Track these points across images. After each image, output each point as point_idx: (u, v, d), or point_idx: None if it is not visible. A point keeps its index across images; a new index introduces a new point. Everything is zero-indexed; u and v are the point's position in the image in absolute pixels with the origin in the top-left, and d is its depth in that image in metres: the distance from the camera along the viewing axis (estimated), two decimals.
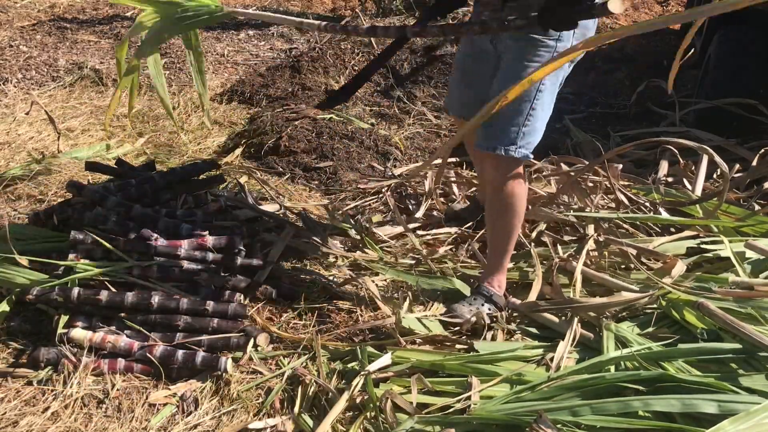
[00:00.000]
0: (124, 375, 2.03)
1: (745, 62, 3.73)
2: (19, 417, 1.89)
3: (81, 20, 5.80)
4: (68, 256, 2.30)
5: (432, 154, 3.67)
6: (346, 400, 1.90)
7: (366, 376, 1.95)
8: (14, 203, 2.98)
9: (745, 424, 1.62)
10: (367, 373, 1.95)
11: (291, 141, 3.58)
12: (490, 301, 2.30)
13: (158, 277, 2.25)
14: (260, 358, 2.12)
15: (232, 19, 5.63)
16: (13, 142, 3.56)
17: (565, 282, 2.43)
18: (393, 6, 6.08)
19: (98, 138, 3.74)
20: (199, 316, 2.14)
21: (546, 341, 2.18)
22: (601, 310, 2.21)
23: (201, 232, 2.44)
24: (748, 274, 2.33)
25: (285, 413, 1.93)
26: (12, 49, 4.88)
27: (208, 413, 1.93)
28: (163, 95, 2.46)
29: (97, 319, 2.14)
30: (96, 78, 4.48)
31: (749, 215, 2.71)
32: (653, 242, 2.59)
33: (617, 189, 2.93)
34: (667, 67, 5.22)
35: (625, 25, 6.38)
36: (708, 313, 2.03)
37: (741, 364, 1.90)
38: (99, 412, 1.92)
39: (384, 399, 1.89)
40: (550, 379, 1.92)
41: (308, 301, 2.39)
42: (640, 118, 4.30)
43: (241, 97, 4.41)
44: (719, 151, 3.36)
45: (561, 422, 1.74)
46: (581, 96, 4.74)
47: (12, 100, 4.12)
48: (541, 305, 2.28)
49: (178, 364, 2.02)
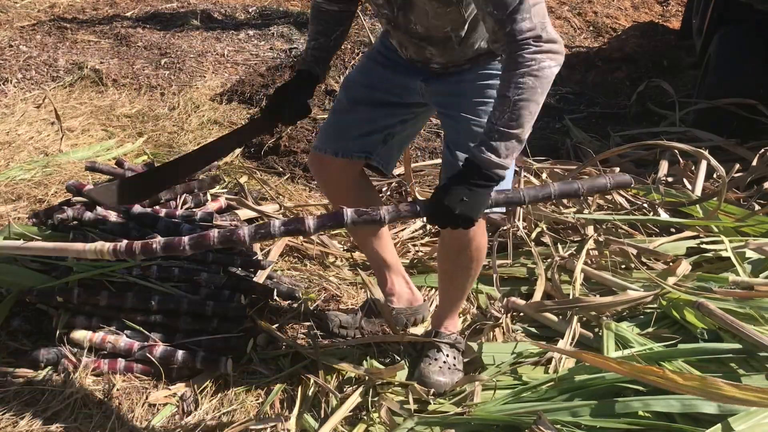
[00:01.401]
0: (124, 375, 2.03)
1: (745, 62, 3.73)
2: (19, 417, 1.89)
3: (81, 20, 5.80)
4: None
5: (432, 154, 3.67)
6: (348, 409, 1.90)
7: (367, 383, 1.95)
8: (14, 203, 2.98)
9: (745, 424, 1.62)
10: (368, 381, 1.96)
11: (291, 141, 3.58)
12: (453, 347, 2.10)
13: (158, 277, 2.24)
14: (260, 359, 2.12)
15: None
16: (13, 142, 3.55)
17: (565, 279, 2.43)
18: None
19: (98, 138, 3.74)
20: (199, 316, 2.14)
21: (546, 341, 2.18)
22: (604, 310, 2.21)
23: (201, 232, 2.44)
24: (748, 274, 2.34)
25: (285, 414, 1.93)
26: (12, 49, 4.88)
27: (208, 413, 1.93)
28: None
29: (97, 319, 2.14)
30: (96, 78, 4.48)
31: (749, 215, 2.71)
32: (654, 242, 2.59)
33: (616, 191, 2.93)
34: (667, 67, 5.24)
35: (627, 25, 6.39)
36: (708, 313, 2.03)
37: (741, 364, 1.90)
38: (99, 412, 1.91)
39: (380, 405, 1.89)
40: (549, 379, 1.92)
41: (308, 301, 2.39)
42: (640, 118, 4.30)
43: (241, 97, 4.41)
44: (719, 151, 3.38)
45: (561, 423, 1.74)
46: (581, 96, 4.74)
47: (12, 100, 4.12)
48: (545, 305, 2.28)
49: (178, 364, 2.02)
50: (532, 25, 1.50)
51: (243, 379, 2.05)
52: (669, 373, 1.71)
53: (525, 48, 1.50)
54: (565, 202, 3.00)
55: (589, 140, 3.80)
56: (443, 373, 2.01)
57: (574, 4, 6.63)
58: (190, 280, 2.25)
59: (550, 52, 1.51)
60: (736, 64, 3.77)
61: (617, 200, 2.93)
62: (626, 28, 6.30)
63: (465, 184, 1.56)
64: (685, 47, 5.52)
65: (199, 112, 4.16)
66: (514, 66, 1.51)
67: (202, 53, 5.15)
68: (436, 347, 2.07)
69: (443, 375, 2.01)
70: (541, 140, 3.76)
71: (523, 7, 1.49)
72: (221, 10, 6.31)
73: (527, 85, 1.50)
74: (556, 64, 1.53)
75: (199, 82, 4.64)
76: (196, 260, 2.34)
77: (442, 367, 2.02)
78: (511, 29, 1.50)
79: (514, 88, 1.51)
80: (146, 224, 2.44)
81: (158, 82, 4.54)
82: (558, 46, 1.53)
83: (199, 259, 2.34)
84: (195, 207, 2.77)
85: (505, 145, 1.54)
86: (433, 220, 1.62)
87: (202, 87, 4.56)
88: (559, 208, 2.95)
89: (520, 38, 1.50)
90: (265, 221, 1.69)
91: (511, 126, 1.52)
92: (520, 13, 1.49)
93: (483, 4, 1.54)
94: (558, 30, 6.07)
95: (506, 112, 1.52)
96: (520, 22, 1.50)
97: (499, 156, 1.54)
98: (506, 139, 1.53)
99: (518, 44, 1.51)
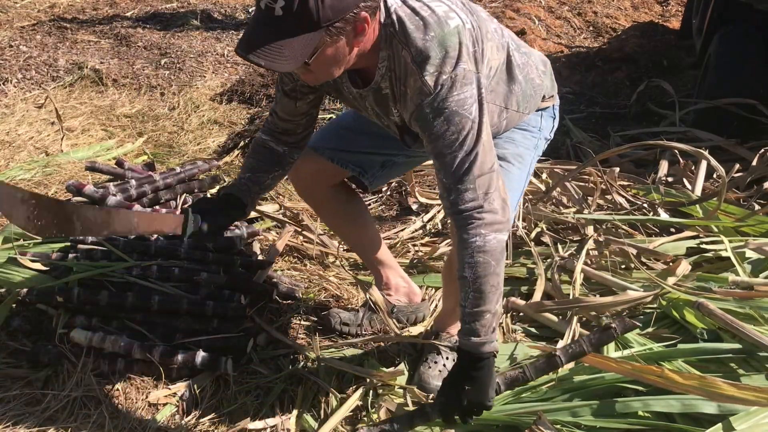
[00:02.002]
0: (124, 375, 2.03)
1: (745, 62, 3.73)
2: (18, 417, 1.89)
3: (81, 20, 5.80)
4: (68, 256, 2.30)
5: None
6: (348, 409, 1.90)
7: (367, 384, 1.95)
8: None
9: (745, 424, 1.62)
10: (368, 382, 1.96)
11: None
12: (453, 351, 2.04)
13: (158, 277, 2.24)
14: (260, 359, 2.12)
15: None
16: (13, 142, 3.56)
17: (565, 279, 2.43)
18: None
19: (98, 138, 3.74)
20: (199, 316, 2.14)
21: (546, 341, 2.18)
22: (604, 310, 2.21)
23: None
24: (747, 274, 2.33)
25: (285, 414, 1.93)
26: (12, 49, 4.88)
27: (208, 413, 1.93)
28: None
29: (97, 319, 2.14)
30: (96, 78, 4.48)
31: (749, 215, 2.71)
32: (653, 242, 2.59)
33: (615, 191, 2.93)
34: (667, 67, 5.24)
35: (627, 25, 6.38)
36: (708, 313, 2.03)
37: (741, 364, 1.90)
38: (99, 412, 1.91)
39: (380, 405, 1.89)
40: (549, 379, 1.92)
41: (308, 301, 2.39)
42: (640, 118, 4.30)
43: (241, 97, 4.41)
44: (719, 151, 3.38)
45: (561, 423, 1.74)
46: (581, 96, 4.74)
47: (12, 100, 4.12)
48: (546, 305, 2.28)
49: (178, 364, 2.02)
50: (474, 196, 1.55)
51: (243, 379, 2.05)
52: (668, 373, 1.71)
53: (469, 223, 1.55)
54: (565, 201, 3.00)
55: (589, 140, 3.79)
56: (442, 377, 2.00)
57: (574, 4, 6.63)
58: (190, 280, 2.25)
59: (494, 224, 1.55)
60: (736, 64, 3.77)
61: (617, 200, 2.93)
62: (626, 28, 6.29)
63: (462, 375, 1.62)
64: (685, 47, 5.52)
65: (199, 112, 4.16)
66: (463, 246, 1.57)
67: (202, 53, 5.15)
68: (436, 350, 2.06)
69: (442, 379, 2.00)
70: None
71: (468, 178, 1.54)
72: (221, 10, 6.32)
73: (479, 263, 1.54)
74: (503, 234, 1.57)
75: (199, 82, 4.65)
76: (196, 260, 2.34)
77: (441, 370, 2.01)
78: (455, 199, 1.56)
79: (469, 269, 1.56)
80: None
81: (158, 82, 4.55)
82: (500, 215, 1.57)
83: (199, 259, 2.34)
84: None
85: (480, 324, 1.57)
86: (449, 419, 1.67)
87: (202, 87, 4.56)
88: (559, 208, 2.95)
89: (463, 212, 1.56)
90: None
91: (478, 305, 1.57)
92: (464, 183, 1.55)
93: (436, 167, 1.60)
94: (558, 30, 6.08)
95: (469, 293, 1.58)
96: (464, 193, 1.55)
97: (479, 335, 1.58)
98: (479, 318, 1.57)
99: (462, 218, 1.56)
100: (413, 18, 1.52)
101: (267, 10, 1.35)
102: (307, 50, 1.39)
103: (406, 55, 1.52)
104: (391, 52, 1.55)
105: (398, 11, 1.53)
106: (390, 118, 1.70)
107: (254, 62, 1.38)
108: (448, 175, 1.56)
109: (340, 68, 1.51)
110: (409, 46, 1.51)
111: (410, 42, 1.51)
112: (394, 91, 1.61)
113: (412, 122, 1.61)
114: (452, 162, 1.54)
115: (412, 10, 1.53)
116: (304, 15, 1.34)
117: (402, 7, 1.54)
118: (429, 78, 1.50)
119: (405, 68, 1.53)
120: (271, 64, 1.37)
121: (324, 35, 1.38)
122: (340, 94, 1.76)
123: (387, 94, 1.63)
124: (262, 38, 1.37)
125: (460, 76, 1.51)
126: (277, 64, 1.37)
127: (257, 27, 1.39)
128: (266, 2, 1.35)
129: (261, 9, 1.37)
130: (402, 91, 1.58)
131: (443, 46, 1.50)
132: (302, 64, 1.42)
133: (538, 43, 5.64)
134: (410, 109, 1.58)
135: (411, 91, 1.55)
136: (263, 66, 1.38)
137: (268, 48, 1.37)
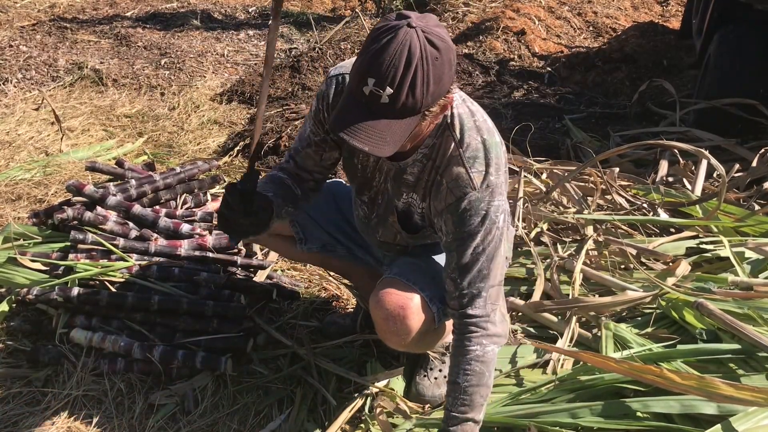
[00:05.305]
0: (124, 375, 2.03)
1: (745, 62, 3.73)
2: (19, 417, 1.89)
3: (81, 20, 5.80)
4: (68, 256, 2.30)
5: None
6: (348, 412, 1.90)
7: (368, 396, 1.96)
8: (14, 203, 2.99)
9: (745, 425, 1.63)
10: (369, 393, 1.97)
11: (291, 141, 3.58)
12: (445, 355, 2.07)
13: (158, 277, 2.25)
14: (260, 359, 2.12)
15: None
16: (13, 142, 3.56)
17: (565, 279, 2.43)
18: (393, 6, 6.07)
19: (98, 138, 3.75)
20: (198, 316, 2.14)
21: (545, 341, 2.18)
22: (603, 310, 2.21)
23: (201, 232, 2.44)
24: (747, 275, 2.33)
25: (284, 414, 1.93)
26: (12, 49, 4.88)
27: (208, 413, 1.93)
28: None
29: (97, 319, 2.14)
30: (96, 78, 4.48)
31: (749, 215, 2.71)
32: (653, 242, 2.59)
33: (614, 192, 2.93)
34: (667, 67, 5.24)
35: (627, 25, 6.38)
36: (707, 313, 2.03)
37: (740, 364, 1.90)
38: (99, 412, 1.92)
39: (377, 409, 1.90)
40: (548, 381, 1.92)
41: (308, 301, 2.39)
42: (640, 118, 4.30)
43: (241, 97, 4.42)
44: (719, 151, 3.37)
45: (560, 424, 1.74)
46: (581, 96, 4.74)
47: (12, 100, 4.12)
48: (545, 305, 2.28)
49: (178, 364, 2.02)
50: (483, 305, 1.60)
51: (243, 379, 2.05)
52: (667, 373, 1.71)
53: (474, 331, 1.60)
54: (565, 202, 3.00)
55: (589, 140, 3.79)
56: (438, 385, 2.02)
57: (574, 4, 6.62)
58: (190, 280, 2.25)
59: (495, 336, 1.62)
60: (736, 64, 3.77)
61: (617, 200, 2.93)
62: (626, 28, 6.29)
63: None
64: (685, 47, 5.51)
65: (199, 112, 4.16)
66: (463, 352, 1.61)
67: (202, 53, 5.15)
68: (429, 359, 2.06)
69: (438, 387, 2.01)
70: (541, 140, 3.76)
71: (483, 286, 1.59)
72: (221, 10, 6.32)
73: (475, 371, 1.60)
74: (499, 346, 1.64)
75: (199, 82, 4.65)
76: (196, 260, 2.34)
77: (437, 377, 2.02)
78: (467, 303, 1.60)
79: (463, 375, 1.60)
80: (146, 224, 2.45)
81: (158, 82, 4.55)
82: (501, 329, 1.64)
83: (199, 258, 2.35)
84: (195, 207, 2.78)
85: (461, 428, 1.61)
86: None
87: (202, 87, 4.56)
88: (558, 208, 2.95)
89: (472, 317, 1.61)
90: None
91: (464, 411, 1.61)
92: (479, 290, 1.60)
93: (451, 266, 1.61)
94: (558, 30, 6.08)
95: (458, 398, 1.61)
96: (476, 299, 1.60)
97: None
98: (461, 423, 1.61)
99: (467, 323, 1.61)
100: (470, 118, 1.58)
101: (372, 96, 1.34)
102: (406, 134, 1.41)
103: (454, 148, 1.56)
104: (437, 141, 1.58)
105: (459, 107, 1.58)
106: (394, 201, 1.72)
107: (357, 148, 1.37)
108: (464, 277, 1.59)
109: (412, 143, 1.55)
110: (462, 140, 1.55)
111: (463, 137, 1.56)
112: (421, 178, 1.63)
113: (441, 215, 1.61)
114: (472, 265, 1.58)
115: (470, 110, 1.59)
116: (409, 103, 1.36)
117: (462, 105, 1.59)
118: (476, 175, 1.54)
119: (449, 160, 1.56)
120: (374, 149, 1.37)
121: (420, 118, 1.41)
122: (349, 153, 1.76)
123: (407, 180, 1.65)
124: (363, 123, 1.36)
125: (501, 184, 1.57)
126: (379, 149, 1.37)
127: (357, 110, 1.37)
128: (372, 89, 1.33)
129: (363, 94, 1.35)
130: (436, 180, 1.60)
131: (492, 152, 1.56)
132: None
133: (538, 43, 5.64)
134: (444, 201, 1.58)
135: (449, 182, 1.57)
136: (366, 152, 1.37)
137: (370, 133, 1.36)
